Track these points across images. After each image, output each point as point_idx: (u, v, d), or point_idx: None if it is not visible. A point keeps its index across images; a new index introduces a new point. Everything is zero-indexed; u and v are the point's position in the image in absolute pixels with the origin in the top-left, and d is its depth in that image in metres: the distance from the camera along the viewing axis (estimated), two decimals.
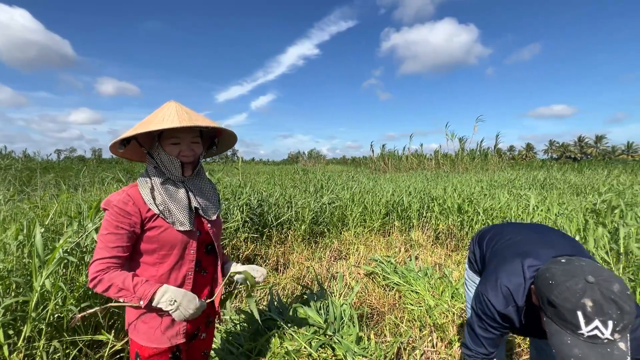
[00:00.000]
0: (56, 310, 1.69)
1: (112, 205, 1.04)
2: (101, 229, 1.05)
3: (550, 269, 0.92)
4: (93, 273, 1.01)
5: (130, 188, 1.10)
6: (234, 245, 3.70)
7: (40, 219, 2.61)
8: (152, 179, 1.12)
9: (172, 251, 1.11)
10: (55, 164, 19.43)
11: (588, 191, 7.21)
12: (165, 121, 1.04)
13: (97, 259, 1.02)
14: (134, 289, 1.00)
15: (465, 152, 19.14)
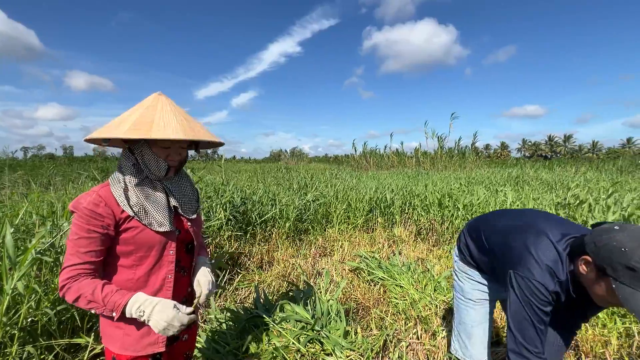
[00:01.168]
0: (30, 314, 1.60)
1: (81, 207, 0.96)
2: (70, 234, 0.96)
3: (615, 238, 0.93)
4: (62, 281, 0.94)
5: (101, 188, 1.02)
6: (217, 243, 3.63)
7: (9, 218, 2.46)
8: (126, 177, 1.04)
9: (149, 252, 1.06)
10: (22, 162, 18.36)
11: (558, 187, 7.59)
12: (166, 128, 0.97)
13: (67, 265, 0.95)
14: (104, 300, 0.93)
15: (444, 150, 19.66)
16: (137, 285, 1.05)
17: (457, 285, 1.57)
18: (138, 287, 1.05)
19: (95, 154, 60.13)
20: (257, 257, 3.83)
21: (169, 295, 1.10)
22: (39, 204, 3.06)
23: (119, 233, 1.01)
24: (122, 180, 1.03)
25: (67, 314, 1.78)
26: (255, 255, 3.83)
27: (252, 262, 3.70)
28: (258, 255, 3.86)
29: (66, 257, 0.96)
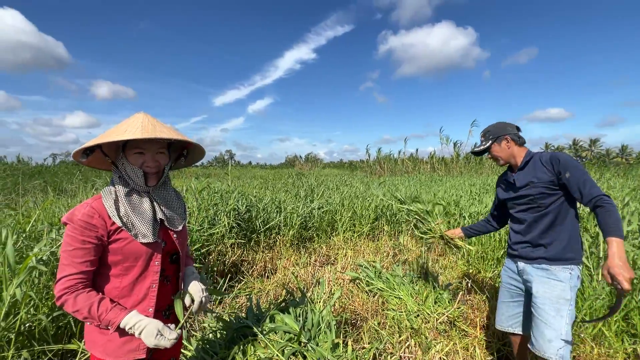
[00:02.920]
0: (27, 320, 1.68)
1: (76, 219, 1.02)
2: (64, 245, 1.01)
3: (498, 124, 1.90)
4: (60, 291, 0.98)
5: (94, 201, 1.08)
6: (220, 251, 3.69)
7: (21, 225, 2.60)
8: (116, 189, 1.10)
9: (136, 262, 1.10)
10: (48, 168, 19.31)
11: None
12: (127, 132, 1.03)
13: (63, 276, 0.99)
14: (99, 317, 0.99)
15: (460, 155, 19.23)
16: (122, 293, 1.09)
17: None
18: (123, 295, 1.10)
19: None
20: (261, 264, 3.86)
21: (153, 303, 1.14)
22: (52, 210, 3.22)
23: (109, 243, 1.06)
24: (112, 192, 1.09)
25: (64, 320, 1.85)
26: (258, 262, 3.87)
27: (255, 270, 3.73)
28: (261, 262, 3.89)
29: (61, 268, 1.00)
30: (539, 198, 1.67)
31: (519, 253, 1.79)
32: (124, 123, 1.09)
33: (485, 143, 1.85)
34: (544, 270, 1.67)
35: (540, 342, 1.57)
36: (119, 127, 1.09)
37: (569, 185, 1.58)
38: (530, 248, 1.74)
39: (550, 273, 1.65)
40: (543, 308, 1.59)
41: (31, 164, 21.06)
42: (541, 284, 1.65)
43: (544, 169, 1.67)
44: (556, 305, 1.58)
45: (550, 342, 1.54)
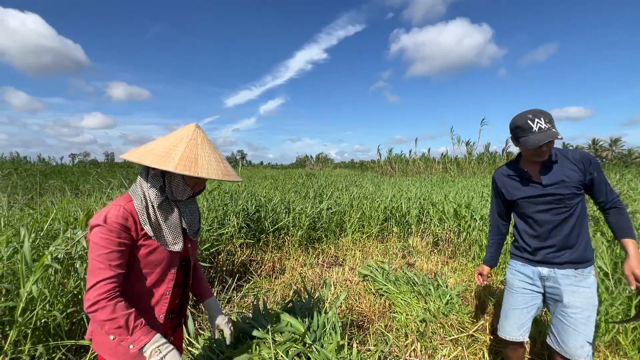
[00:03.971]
0: (43, 315, 1.75)
1: (111, 221, 1.00)
2: (98, 248, 0.98)
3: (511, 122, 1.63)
4: (97, 296, 0.95)
5: (127, 203, 1.07)
6: (229, 251, 3.74)
7: (39, 224, 2.70)
8: (149, 195, 1.09)
9: (154, 269, 1.11)
10: (66, 168, 19.95)
11: None
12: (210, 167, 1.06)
13: (100, 280, 0.96)
14: (132, 331, 0.97)
15: (473, 156, 18.89)
16: (136, 298, 1.09)
17: (506, 276, 1.83)
18: (138, 300, 1.09)
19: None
20: (269, 264, 3.89)
21: (164, 310, 1.16)
22: (70, 210, 3.33)
23: (135, 249, 1.06)
24: (144, 199, 1.08)
25: (77, 316, 1.92)
26: (266, 262, 3.90)
27: (263, 270, 3.77)
28: (270, 263, 3.92)
29: (95, 272, 0.97)
30: (568, 198, 1.57)
31: (542, 259, 1.66)
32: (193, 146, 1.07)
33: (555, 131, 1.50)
34: (571, 277, 1.60)
35: (571, 347, 1.56)
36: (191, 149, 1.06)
37: (596, 187, 1.57)
38: (554, 253, 1.63)
39: (577, 280, 1.59)
40: (575, 317, 1.56)
41: (52, 163, 21.80)
42: (571, 294, 1.59)
43: (574, 167, 1.57)
44: (586, 312, 1.56)
45: (583, 348, 1.54)
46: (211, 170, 1.04)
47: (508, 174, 1.73)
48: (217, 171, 1.06)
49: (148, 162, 1.00)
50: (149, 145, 1.09)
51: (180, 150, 1.04)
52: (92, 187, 4.80)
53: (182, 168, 1.00)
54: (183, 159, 1.02)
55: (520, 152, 1.71)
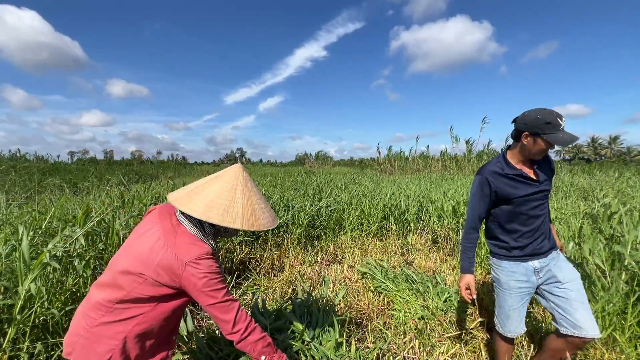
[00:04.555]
0: (41, 313, 1.75)
1: (213, 269, 1.08)
2: (215, 283, 1.06)
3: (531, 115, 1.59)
4: (245, 323, 1.09)
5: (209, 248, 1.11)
6: (228, 248, 3.74)
7: (38, 222, 2.70)
8: (210, 240, 1.16)
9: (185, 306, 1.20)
10: (64, 166, 19.90)
11: (597, 193, 7.05)
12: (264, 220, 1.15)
13: (238, 309, 1.09)
14: (276, 348, 1.12)
15: (473, 154, 18.89)
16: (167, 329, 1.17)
17: (495, 277, 1.83)
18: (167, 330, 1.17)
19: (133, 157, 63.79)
20: (268, 262, 3.90)
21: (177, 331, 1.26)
22: (66, 209, 3.33)
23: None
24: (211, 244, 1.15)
25: None
26: (266, 260, 3.91)
27: (262, 268, 3.77)
28: (269, 260, 3.93)
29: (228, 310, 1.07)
30: (549, 192, 1.73)
31: (532, 252, 1.73)
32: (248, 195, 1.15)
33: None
34: (555, 258, 1.75)
35: (586, 323, 1.59)
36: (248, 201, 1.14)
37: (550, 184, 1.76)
38: (540, 244, 1.73)
39: (559, 258, 1.76)
40: (576, 288, 1.67)
41: (50, 161, 21.74)
42: (561, 270, 1.71)
43: (548, 164, 1.76)
44: (579, 281, 1.70)
45: (593, 321, 1.60)
46: (267, 222, 1.14)
47: (505, 174, 1.69)
48: (269, 220, 1.16)
49: (217, 221, 1.06)
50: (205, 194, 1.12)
51: (240, 202, 1.12)
52: (90, 185, 4.79)
53: (247, 225, 1.09)
54: (244, 213, 1.11)
55: (507, 149, 1.74)
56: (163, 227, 1.12)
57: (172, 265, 1.04)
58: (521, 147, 1.65)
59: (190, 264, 1.03)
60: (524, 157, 1.67)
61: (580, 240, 2.99)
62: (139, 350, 1.09)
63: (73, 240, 2.10)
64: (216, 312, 1.06)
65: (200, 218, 1.05)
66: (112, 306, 1.06)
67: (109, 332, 1.04)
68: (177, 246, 1.06)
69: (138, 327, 1.07)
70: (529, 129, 1.56)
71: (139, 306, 1.07)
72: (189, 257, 1.04)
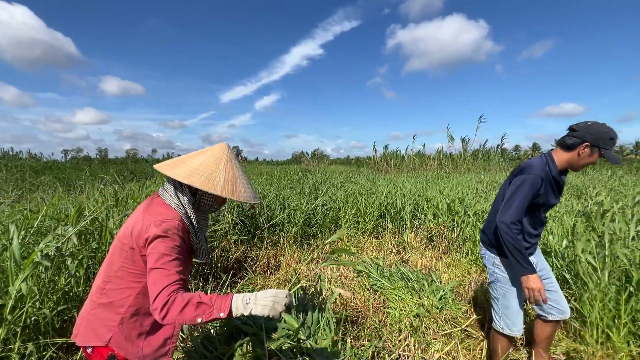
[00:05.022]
0: (33, 313, 1.73)
1: (175, 231, 1.08)
2: (163, 257, 1.04)
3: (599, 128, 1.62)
4: (165, 297, 0.98)
5: (181, 218, 1.13)
6: (224, 247, 3.73)
7: (30, 221, 2.66)
8: (189, 211, 1.17)
9: (187, 275, 1.20)
10: (58, 164, 19.67)
11: (590, 191, 7.12)
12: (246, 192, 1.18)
13: (167, 284, 1.00)
14: (211, 301, 0.99)
15: (468, 152, 18.99)
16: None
17: (500, 277, 1.85)
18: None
19: (128, 156, 63.24)
20: (264, 261, 3.89)
21: None
22: (59, 207, 3.28)
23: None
24: (188, 214, 1.17)
25: (69, 314, 1.90)
26: (261, 259, 3.90)
27: (258, 266, 3.76)
28: (265, 259, 3.92)
29: (162, 279, 1.01)
30: None
31: (532, 251, 1.87)
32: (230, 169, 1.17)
33: None
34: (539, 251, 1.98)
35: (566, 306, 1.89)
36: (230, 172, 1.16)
37: None
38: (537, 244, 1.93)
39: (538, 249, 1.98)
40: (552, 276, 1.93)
41: (42, 159, 21.47)
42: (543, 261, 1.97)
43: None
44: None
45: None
46: (247, 195, 1.17)
47: (553, 177, 1.70)
48: (250, 195, 1.18)
49: (198, 185, 1.09)
50: (190, 163, 1.16)
51: (222, 172, 1.15)
52: (84, 184, 4.74)
53: (227, 192, 1.11)
54: (226, 182, 1.14)
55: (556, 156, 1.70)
56: (144, 203, 1.21)
57: (142, 229, 1.07)
58: (573, 155, 1.65)
59: (153, 224, 1.07)
60: (568, 166, 1.70)
61: (574, 237, 3.02)
62: (140, 329, 1.14)
63: (65, 240, 2.07)
64: (150, 278, 1.03)
65: (182, 181, 1.09)
66: (104, 287, 1.12)
67: (106, 314, 1.10)
68: (148, 212, 1.12)
69: (132, 308, 1.12)
70: (594, 140, 1.58)
71: (128, 286, 1.11)
72: (154, 219, 1.08)
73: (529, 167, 1.70)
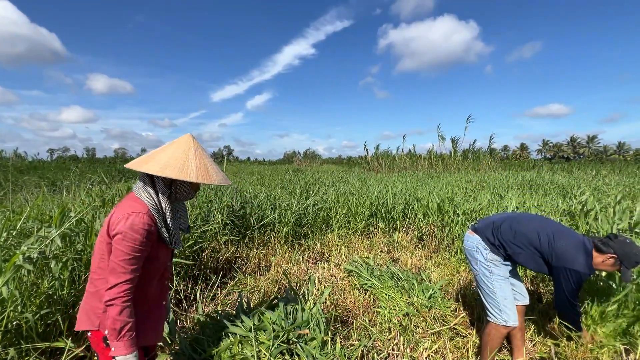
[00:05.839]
0: (14, 318, 1.68)
1: (138, 228, 1.11)
2: (122, 254, 1.09)
3: (632, 249, 1.74)
4: (115, 294, 1.08)
5: (148, 210, 1.18)
6: (213, 248, 3.69)
7: (12, 222, 2.59)
8: (160, 201, 1.22)
9: (160, 264, 1.27)
10: (43, 163, 19.18)
11: (574, 190, 7.29)
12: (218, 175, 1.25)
13: (120, 282, 1.08)
14: (119, 337, 1.09)
15: (458, 152, 19.25)
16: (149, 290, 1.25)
17: (495, 271, 1.99)
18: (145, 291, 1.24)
19: (116, 155, 62.08)
20: (254, 261, 3.86)
21: (165, 296, 1.36)
22: (43, 208, 3.20)
23: (152, 250, 1.21)
24: (157, 205, 1.21)
25: (52, 317, 1.85)
26: (252, 259, 3.87)
27: (248, 267, 3.74)
28: (255, 259, 3.89)
29: (117, 274, 1.09)
30: None
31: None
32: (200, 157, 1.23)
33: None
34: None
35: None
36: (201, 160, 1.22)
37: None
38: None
39: None
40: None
41: (27, 159, 20.93)
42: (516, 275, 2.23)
43: None
44: None
45: None
46: (219, 178, 1.24)
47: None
48: (221, 178, 1.25)
49: (174, 175, 1.13)
50: (160, 157, 1.19)
51: (193, 161, 1.20)
52: (70, 184, 4.63)
53: (202, 178, 1.18)
54: (199, 169, 1.20)
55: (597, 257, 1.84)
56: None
57: (111, 223, 1.13)
58: (598, 259, 1.82)
59: (122, 219, 1.11)
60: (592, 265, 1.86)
61: None
62: None
63: (49, 242, 2.02)
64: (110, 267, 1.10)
65: (158, 174, 1.13)
66: (93, 277, 1.19)
67: (94, 302, 1.17)
68: (119, 207, 1.18)
69: None
70: (622, 258, 1.76)
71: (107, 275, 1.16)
72: (122, 213, 1.13)
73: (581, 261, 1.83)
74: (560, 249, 1.85)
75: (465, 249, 2.18)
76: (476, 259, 2.06)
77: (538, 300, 2.93)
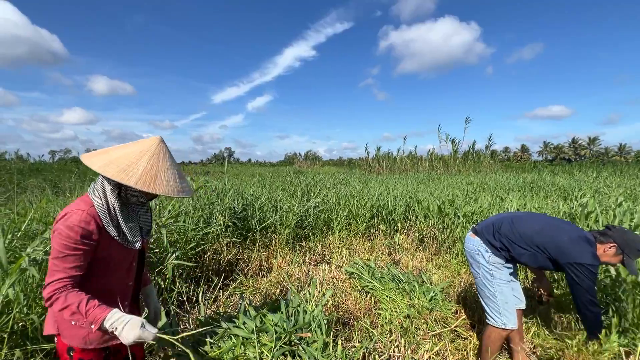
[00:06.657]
0: (20, 319, 1.70)
1: (72, 225, 1.05)
2: (55, 252, 1.04)
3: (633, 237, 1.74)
4: (49, 293, 1.02)
5: (90, 208, 1.12)
6: (215, 250, 3.71)
7: (17, 225, 2.61)
8: (110, 200, 1.16)
9: (119, 265, 1.23)
10: (46, 165, 19.25)
11: (575, 192, 7.29)
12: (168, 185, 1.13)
13: (53, 280, 1.03)
14: (87, 313, 1.03)
15: (459, 154, 19.26)
16: (104, 291, 1.19)
17: (496, 274, 2.00)
18: (105, 292, 1.19)
19: None
20: (256, 263, 3.88)
21: (128, 298, 1.33)
22: (46, 210, 3.23)
23: (99, 248, 1.14)
24: (105, 203, 1.15)
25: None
26: (253, 261, 3.89)
27: (250, 269, 3.75)
28: (257, 261, 3.91)
29: (51, 273, 1.04)
30: None
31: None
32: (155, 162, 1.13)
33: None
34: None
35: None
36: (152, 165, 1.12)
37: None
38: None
39: None
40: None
41: (29, 160, 21.01)
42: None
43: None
44: None
45: None
46: (168, 188, 1.12)
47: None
48: (173, 188, 1.14)
49: (110, 175, 1.06)
50: (113, 153, 1.13)
51: (142, 165, 1.11)
52: (73, 186, 4.66)
53: (142, 185, 1.08)
54: (144, 174, 1.10)
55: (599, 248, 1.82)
56: None
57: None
58: (600, 251, 1.81)
59: (60, 217, 1.08)
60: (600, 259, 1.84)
61: None
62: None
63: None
64: (48, 268, 1.07)
65: (97, 171, 1.08)
66: None
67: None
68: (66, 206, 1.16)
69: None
70: (623, 246, 1.74)
71: None
72: (63, 212, 1.09)
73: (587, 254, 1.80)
74: (564, 245, 1.84)
75: (466, 251, 2.19)
76: (478, 261, 2.07)
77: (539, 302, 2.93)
